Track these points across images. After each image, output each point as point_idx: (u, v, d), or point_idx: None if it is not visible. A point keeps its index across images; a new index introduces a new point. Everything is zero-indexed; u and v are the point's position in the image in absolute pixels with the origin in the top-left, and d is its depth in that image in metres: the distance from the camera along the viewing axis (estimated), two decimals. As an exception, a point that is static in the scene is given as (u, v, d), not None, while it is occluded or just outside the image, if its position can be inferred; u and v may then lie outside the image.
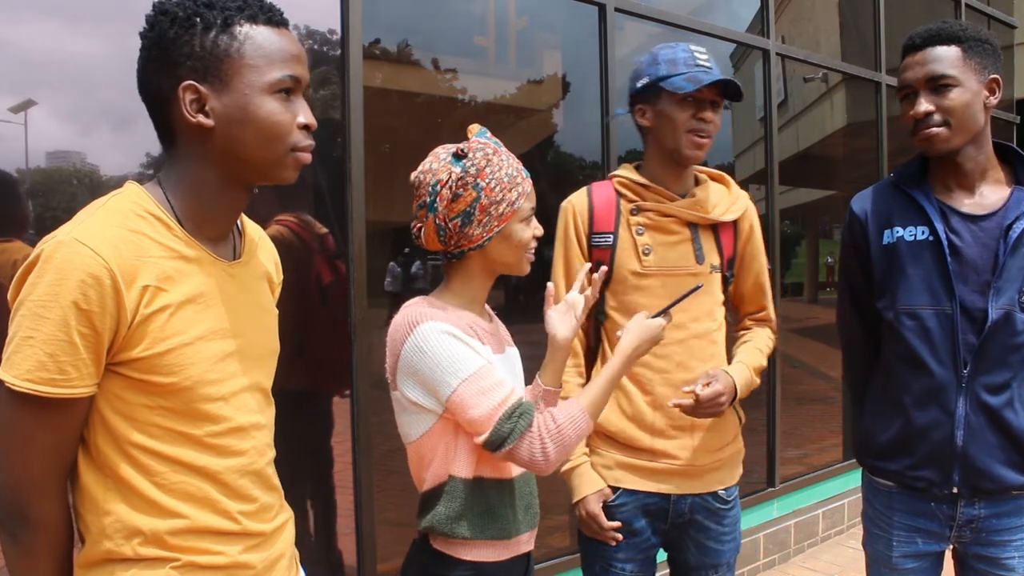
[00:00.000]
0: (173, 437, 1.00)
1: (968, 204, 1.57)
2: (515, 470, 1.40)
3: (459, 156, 1.31)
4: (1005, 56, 6.56)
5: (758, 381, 1.76)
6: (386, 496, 2.45)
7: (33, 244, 0.98)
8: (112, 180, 2.02)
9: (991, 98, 1.55)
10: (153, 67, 1.00)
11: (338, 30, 2.26)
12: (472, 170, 1.30)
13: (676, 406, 1.59)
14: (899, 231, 1.61)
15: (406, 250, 2.70)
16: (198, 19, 0.98)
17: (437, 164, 1.32)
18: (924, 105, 1.52)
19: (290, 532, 1.20)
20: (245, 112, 0.99)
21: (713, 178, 1.80)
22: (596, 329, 1.74)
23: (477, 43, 2.88)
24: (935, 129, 1.52)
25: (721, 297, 1.75)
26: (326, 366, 2.36)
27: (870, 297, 1.68)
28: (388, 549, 2.40)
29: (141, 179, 1.07)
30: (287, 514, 1.20)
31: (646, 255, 1.66)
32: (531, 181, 1.38)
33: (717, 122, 1.65)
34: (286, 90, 1.02)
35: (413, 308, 1.33)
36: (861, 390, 1.79)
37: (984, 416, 1.55)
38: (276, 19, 1.03)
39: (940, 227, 1.55)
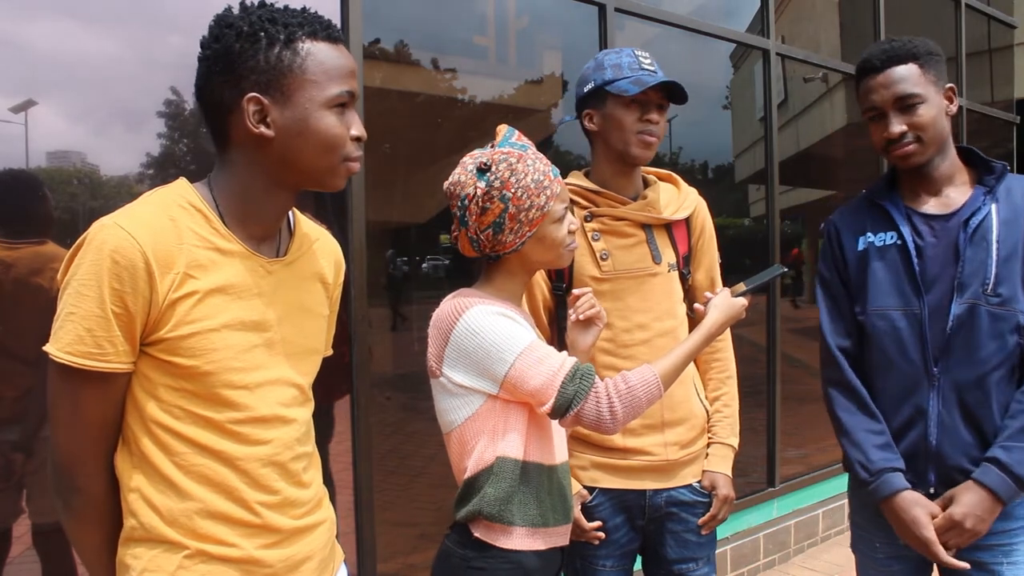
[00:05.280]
0: (194, 419, 1.04)
1: (934, 206, 1.63)
2: (556, 458, 1.41)
3: (483, 170, 1.32)
4: (1005, 56, 6.54)
5: (736, 447, 1.81)
6: (386, 496, 2.45)
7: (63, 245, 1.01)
8: (112, 180, 2.02)
9: (950, 106, 1.61)
10: (217, 78, 1.05)
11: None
12: (497, 183, 1.31)
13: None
14: (870, 237, 1.67)
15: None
16: (263, 34, 1.03)
17: (464, 177, 1.34)
18: (897, 126, 1.58)
19: (323, 535, 1.20)
20: (305, 125, 1.05)
21: (661, 178, 1.82)
22: (560, 338, 1.73)
23: (477, 43, 2.88)
24: (910, 147, 1.58)
25: (681, 294, 1.77)
26: (325, 366, 2.35)
27: (850, 304, 1.70)
28: (388, 549, 2.40)
29: (187, 176, 1.12)
30: (323, 515, 1.21)
31: (604, 260, 1.67)
32: (561, 180, 1.39)
33: (663, 124, 1.69)
34: (341, 104, 1.07)
35: (459, 297, 1.35)
36: None
37: (958, 413, 1.55)
38: (334, 35, 1.08)
39: (906, 230, 1.61)
